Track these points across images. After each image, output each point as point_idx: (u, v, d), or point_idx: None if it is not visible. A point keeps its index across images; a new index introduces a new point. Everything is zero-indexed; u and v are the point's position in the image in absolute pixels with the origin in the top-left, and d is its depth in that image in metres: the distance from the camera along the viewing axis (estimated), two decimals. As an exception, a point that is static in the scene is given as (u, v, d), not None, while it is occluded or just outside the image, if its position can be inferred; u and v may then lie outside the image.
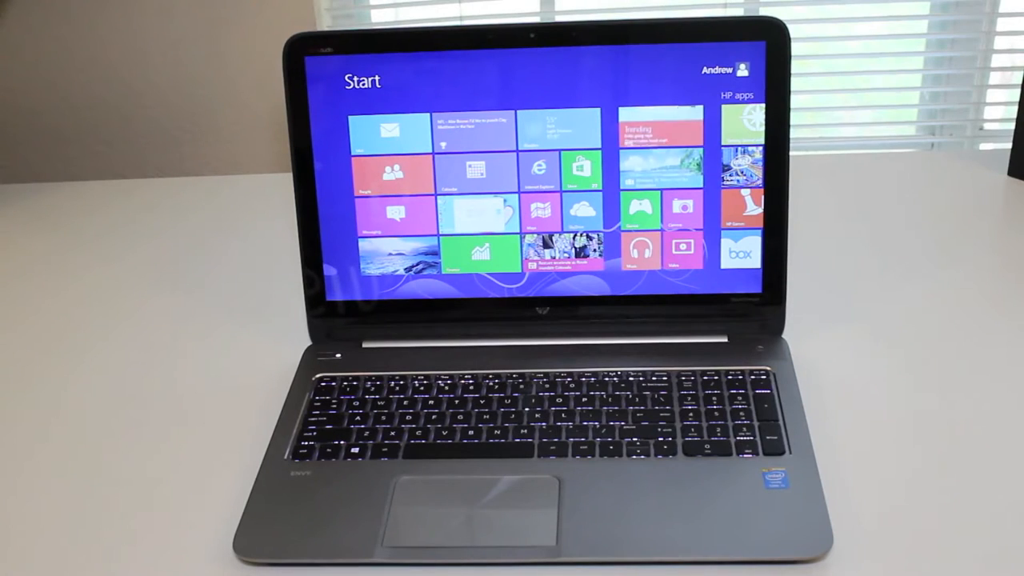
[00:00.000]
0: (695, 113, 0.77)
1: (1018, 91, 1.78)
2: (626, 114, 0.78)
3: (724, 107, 0.77)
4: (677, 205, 0.79)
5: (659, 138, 0.78)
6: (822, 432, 0.72)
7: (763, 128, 0.77)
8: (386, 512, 0.65)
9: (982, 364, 0.79)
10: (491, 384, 0.77)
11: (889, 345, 0.83)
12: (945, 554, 0.61)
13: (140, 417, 0.79)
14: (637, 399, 0.74)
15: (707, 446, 0.69)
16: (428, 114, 0.79)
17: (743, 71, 0.76)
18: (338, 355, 0.81)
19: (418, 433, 0.72)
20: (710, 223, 0.79)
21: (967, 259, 0.96)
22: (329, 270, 0.82)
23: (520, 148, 0.79)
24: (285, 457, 0.71)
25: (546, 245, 0.81)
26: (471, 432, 0.72)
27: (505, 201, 0.80)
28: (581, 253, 0.81)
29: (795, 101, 1.19)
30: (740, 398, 0.73)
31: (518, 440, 0.71)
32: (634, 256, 0.80)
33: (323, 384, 0.78)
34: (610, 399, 0.74)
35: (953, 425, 0.73)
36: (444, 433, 0.72)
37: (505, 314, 0.82)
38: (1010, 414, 0.73)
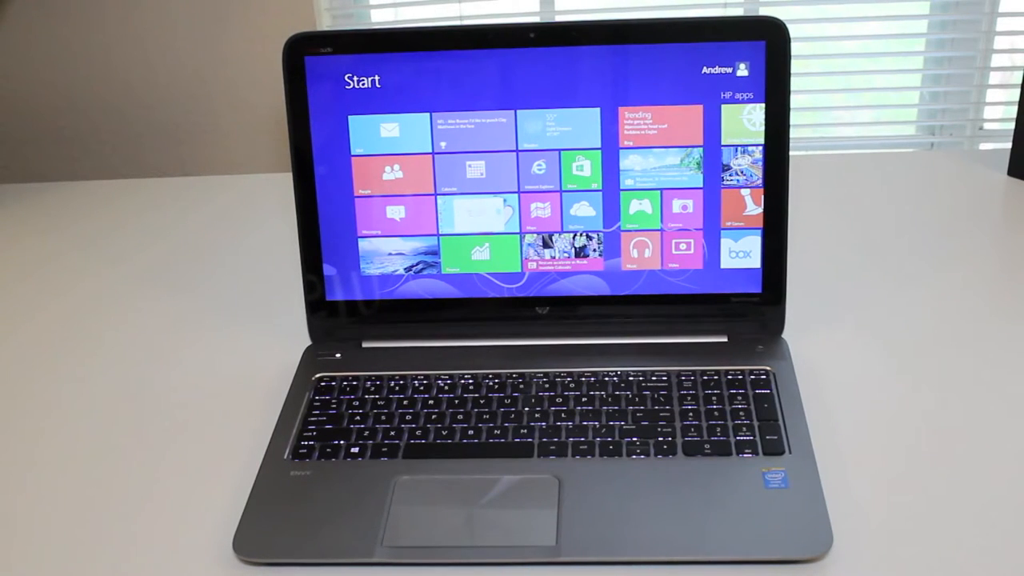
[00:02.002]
0: (695, 113, 0.77)
1: (1018, 91, 1.78)
2: (626, 114, 0.78)
3: (724, 107, 0.77)
4: (677, 205, 0.79)
5: (659, 138, 0.78)
6: (822, 432, 0.72)
7: (763, 128, 0.77)
8: (386, 512, 0.65)
9: (982, 364, 0.79)
10: (491, 384, 0.77)
11: (889, 345, 0.83)
12: (945, 554, 0.61)
13: (139, 417, 0.79)
14: (637, 399, 0.74)
15: (707, 446, 0.69)
16: (428, 114, 0.79)
17: (743, 71, 0.76)
18: (338, 355, 0.81)
19: (418, 433, 0.72)
20: (710, 223, 0.79)
21: (967, 259, 0.96)
22: (329, 270, 0.82)
23: (520, 148, 0.79)
24: (285, 457, 0.71)
25: (546, 245, 0.81)
26: (471, 432, 0.72)
27: (505, 201, 0.80)
28: (581, 253, 0.81)
29: (795, 101, 1.19)
30: (740, 398, 0.73)
31: (518, 440, 0.71)
32: (634, 256, 0.80)
33: (323, 384, 0.78)
34: (610, 399, 0.74)
35: (953, 425, 0.73)
36: (444, 433, 0.72)
37: (505, 314, 0.82)
38: (1010, 414, 0.73)
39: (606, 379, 0.76)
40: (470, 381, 0.77)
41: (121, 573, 0.63)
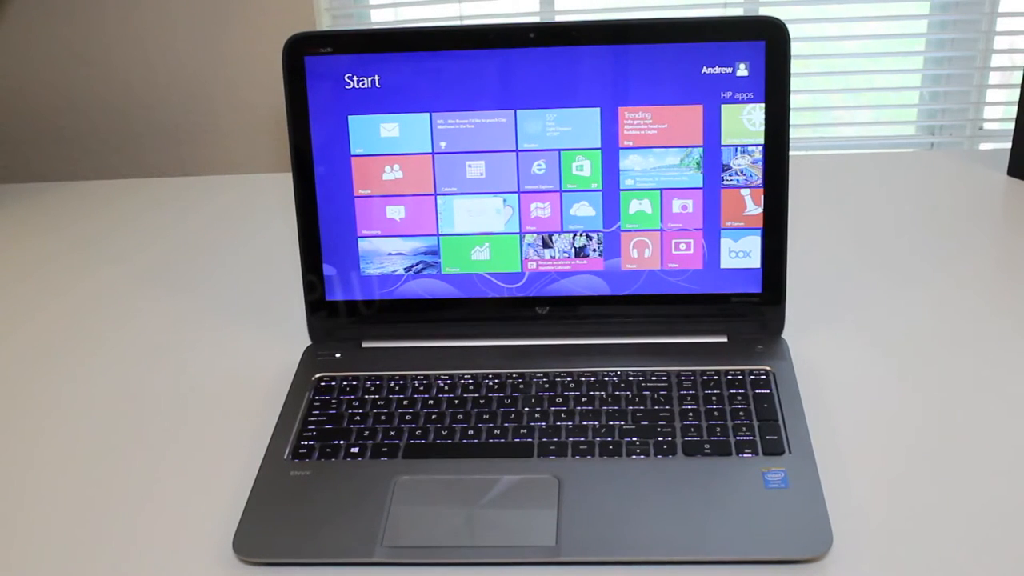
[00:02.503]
0: (695, 113, 0.77)
1: (1018, 91, 1.78)
2: (626, 114, 0.78)
3: (724, 107, 0.77)
4: (677, 205, 0.79)
5: (659, 138, 0.78)
6: (822, 432, 0.72)
7: (763, 128, 0.77)
8: (385, 512, 0.65)
9: (982, 364, 0.79)
10: (491, 384, 0.77)
11: (889, 345, 0.83)
12: (945, 554, 0.61)
13: (140, 417, 0.79)
14: (637, 399, 0.74)
15: (707, 446, 0.69)
16: (428, 114, 0.79)
17: (743, 71, 0.76)
18: (338, 355, 0.81)
19: (418, 433, 0.72)
20: (710, 223, 0.79)
21: (966, 259, 0.96)
22: (329, 270, 0.82)
23: (520, 148, 0.79)
24: (285, 457, 0.71)
25: (546, 245, 0.81)
26: (471, 432, 0.72)
27: (505, 201, 0.80)
28: (581, 253, 0.81)
29: (795, 101, 1.19)
30: (740, 398, 0.73)
31: (518, 440, 0.71)
32: (634, 256, 0.80)
33: (323, 384, 0.78)
34: (610, 399, 0.74)
35: (953, 424, 0.73)
36: (444, 433, 0.72)
37: (505, 314, 0.82)
38: (1010, 414, 0.73)
39: (606, 379, 0.76)
40: (470, 381, 0.77)
41: (121, 573, 0.63)
